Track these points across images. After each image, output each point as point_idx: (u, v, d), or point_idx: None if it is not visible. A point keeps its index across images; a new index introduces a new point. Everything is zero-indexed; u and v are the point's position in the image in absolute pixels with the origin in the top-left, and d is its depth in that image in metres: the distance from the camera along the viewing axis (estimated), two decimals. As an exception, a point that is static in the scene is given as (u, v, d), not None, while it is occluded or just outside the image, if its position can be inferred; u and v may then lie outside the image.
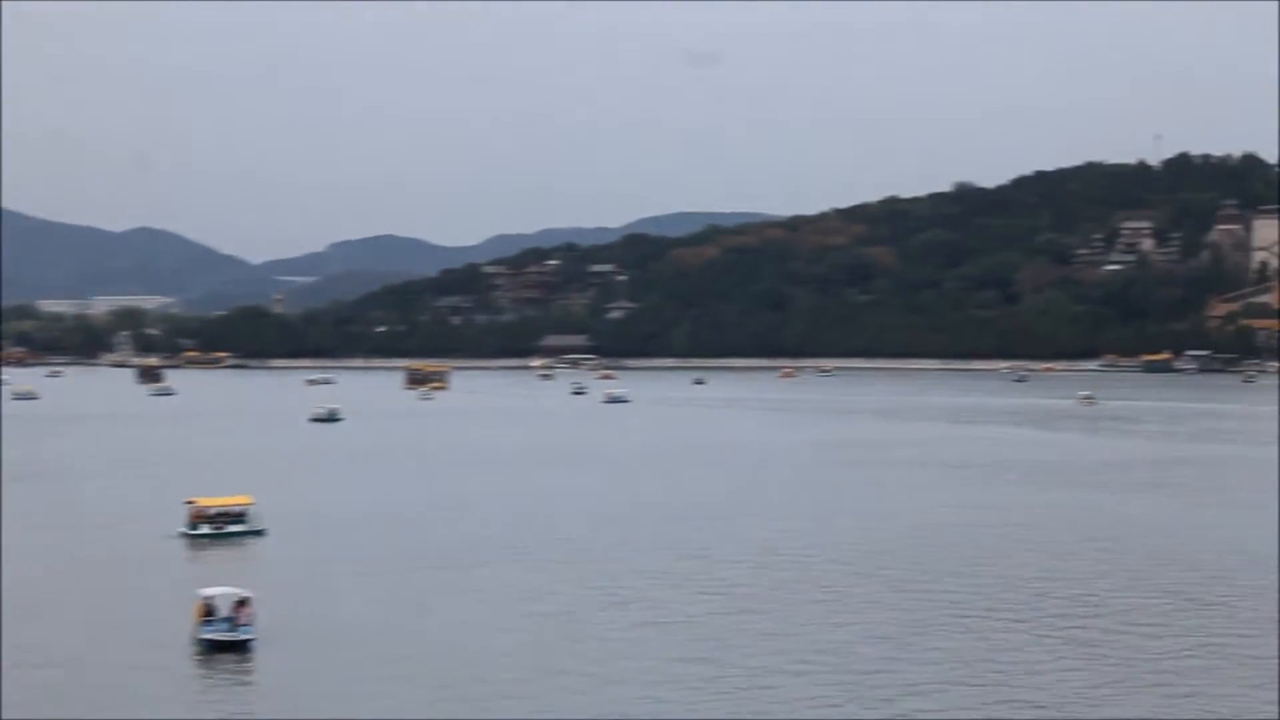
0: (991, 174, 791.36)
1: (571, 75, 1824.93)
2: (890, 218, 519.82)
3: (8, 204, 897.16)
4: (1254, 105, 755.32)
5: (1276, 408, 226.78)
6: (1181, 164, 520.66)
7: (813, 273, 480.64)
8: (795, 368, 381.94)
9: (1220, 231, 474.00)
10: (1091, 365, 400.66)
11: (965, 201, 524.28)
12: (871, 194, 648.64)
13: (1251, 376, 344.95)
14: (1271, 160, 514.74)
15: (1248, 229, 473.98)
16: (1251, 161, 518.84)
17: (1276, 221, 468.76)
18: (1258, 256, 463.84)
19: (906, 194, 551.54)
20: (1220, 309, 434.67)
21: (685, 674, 51.07)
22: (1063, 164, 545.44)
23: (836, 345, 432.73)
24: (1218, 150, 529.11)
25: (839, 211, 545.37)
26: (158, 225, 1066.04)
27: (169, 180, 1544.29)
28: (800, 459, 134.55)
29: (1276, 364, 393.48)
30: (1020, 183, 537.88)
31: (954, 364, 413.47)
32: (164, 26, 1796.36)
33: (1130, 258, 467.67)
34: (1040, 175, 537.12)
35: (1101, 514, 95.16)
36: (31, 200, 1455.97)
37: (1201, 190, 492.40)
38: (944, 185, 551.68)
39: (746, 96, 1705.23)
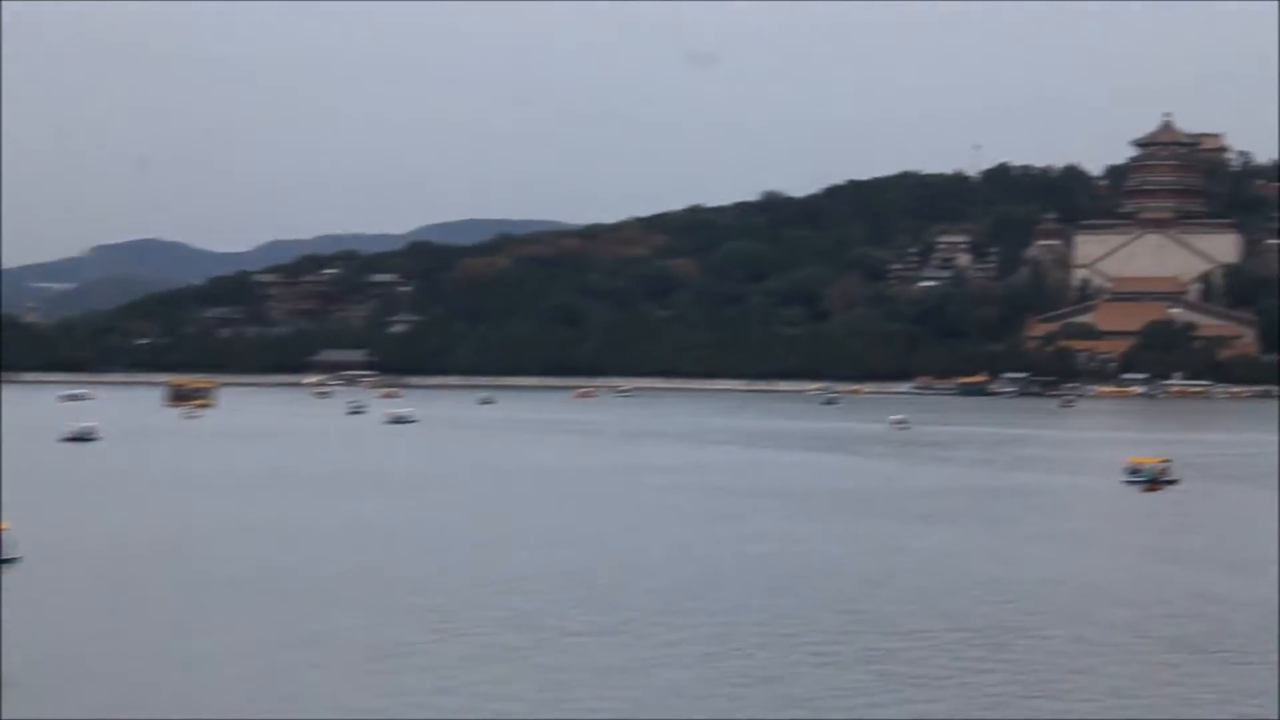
0: (802, 183, 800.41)
1: (350, 67, 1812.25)
2: (694, 228, 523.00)
3: None
4: (1076, 116, 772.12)
5: (1096, 434, 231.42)
6: (1001, 175, 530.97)
7: (610, 286, 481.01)
8: (593, 388, 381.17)
9: (1040, 247, 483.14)
10: (904, 387, 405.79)
11: (773, 211, 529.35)
12: (675, 202, 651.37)
13: (1070, 401, 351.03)
14: (1095, 172, 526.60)
15: (1069, 245, 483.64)
16: (1073, 174, 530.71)
17: (1099, 237, 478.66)
18: (1079, 274, 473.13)
19: (712, 202, 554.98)
20: (1039, 329, 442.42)
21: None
22: (877, 173, 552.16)
23: (635, 364, 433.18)
24: (1039, 161, 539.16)
25: (639, 220, 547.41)
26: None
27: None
28: (595, 485, 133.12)
29: (1097, 388, 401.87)
30: (832, 192, 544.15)
31: (760, 384, 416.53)
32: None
33: (946, 273, 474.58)
34: (853, 185, 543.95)
35: (912, 545, 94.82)
36: None
37: (1021, 203, 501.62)
38: (751, 194, 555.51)
39: (549, 96, 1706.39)
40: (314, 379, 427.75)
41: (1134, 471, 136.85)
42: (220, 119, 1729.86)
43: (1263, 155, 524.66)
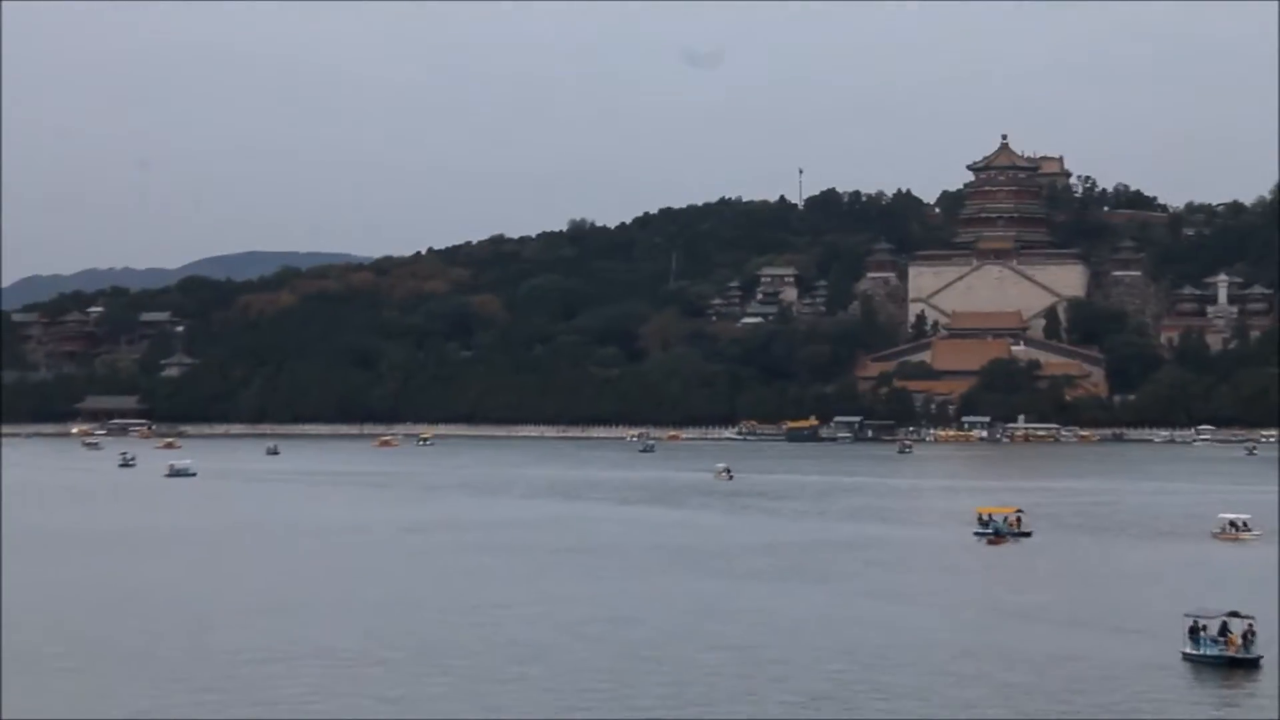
0: (613, 211, 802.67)
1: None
2: (497, 261, 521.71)
3: None
4: (908, 138, 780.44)
5: (935, 482, 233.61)
6: (829, 202, 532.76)
7: (406, 324, 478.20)
8: (394, 436, 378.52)
9: (872, 280, 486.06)
10: (728, 433, 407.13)
11: (583, 242, 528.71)
12: (475, 232, 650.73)
13: (907, 446, 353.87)
14: (929, 198, 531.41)
15: (902, 277, 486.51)
16: (907, 200, 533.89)
17: (934, 268, 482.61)
18: (914, 309, 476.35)
19: (515, 233, 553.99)
20: (872, 369, 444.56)
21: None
22: (694, 200, 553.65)
23: (435, 408, 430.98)
24: (869, 187, 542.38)
25: (436, 253, 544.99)
26: None
27: None
28: (389, 543, 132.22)
29: (935, 432, 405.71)
30: (645, 221, 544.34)
31: (572, 430, 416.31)
32: None
33: (771, 309, 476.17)
34: (668, 213, 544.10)
35: (734, 605, 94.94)
36: None
37: (851, 232, 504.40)
38: (558, 223, 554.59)
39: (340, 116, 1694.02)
40: (80, 428, 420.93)
41: (985, 522, 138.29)
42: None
43: (1106, 180, 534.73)
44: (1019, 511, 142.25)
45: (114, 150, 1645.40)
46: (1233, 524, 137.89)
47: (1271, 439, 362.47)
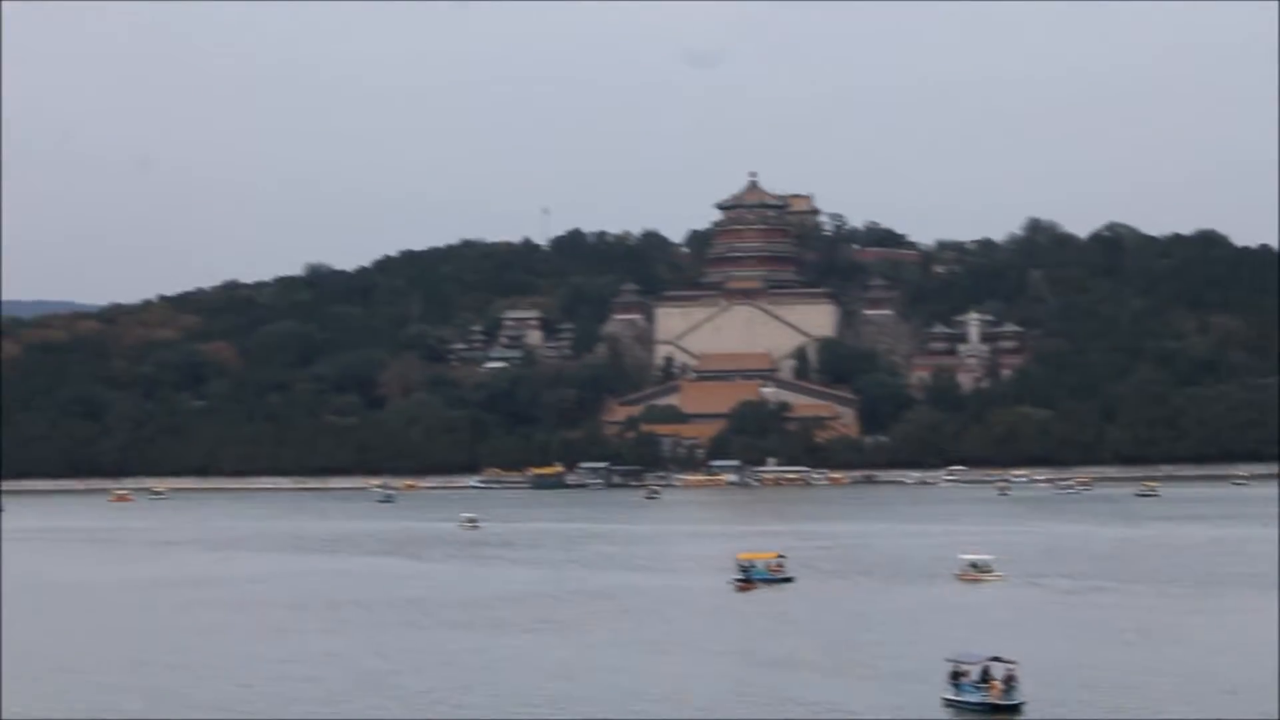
0: (351, 255, 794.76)
1: None
2: (230, 307, 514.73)
3: None
4: (655, 177, 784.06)
5: (684, 528, 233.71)
6: (574, 243, 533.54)
7: (135, 374, 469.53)
8: (129, 491, 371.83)
9: (619, 322, 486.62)
10: (471, 481, 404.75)
11: (319, 287, 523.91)
12: (206, 279, 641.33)
13: (656, 492, 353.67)
14: (676, 238, 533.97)
15: (650, 319, 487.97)
16: (653, 241, 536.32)
17: (682, 309, 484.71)
18: (662, 351, 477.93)
19: (249, 278, 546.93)
20: (619, 413, 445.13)
21: None
22: (435, 243, 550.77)
23: (166, 461, 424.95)
24: (615, 228, 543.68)
25: (166, 300, 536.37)
26: None
27: None
28: (117, 602, 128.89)
29: (684, 476, 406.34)
30: (384, 265, 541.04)
31: (310, 482, 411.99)
32: None
33: (515, 353, 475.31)
34: (408, 256, 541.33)
35: (477, 658, 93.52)
36: None
37: (597, 274, 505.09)
38: (294, 268, 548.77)
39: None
40: None
41: (745, 569, 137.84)
42: None
43: (856, 218, 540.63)
44: (780, 556, 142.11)
45: None
46: (974, 565, 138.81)
47: (1023, 479, 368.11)
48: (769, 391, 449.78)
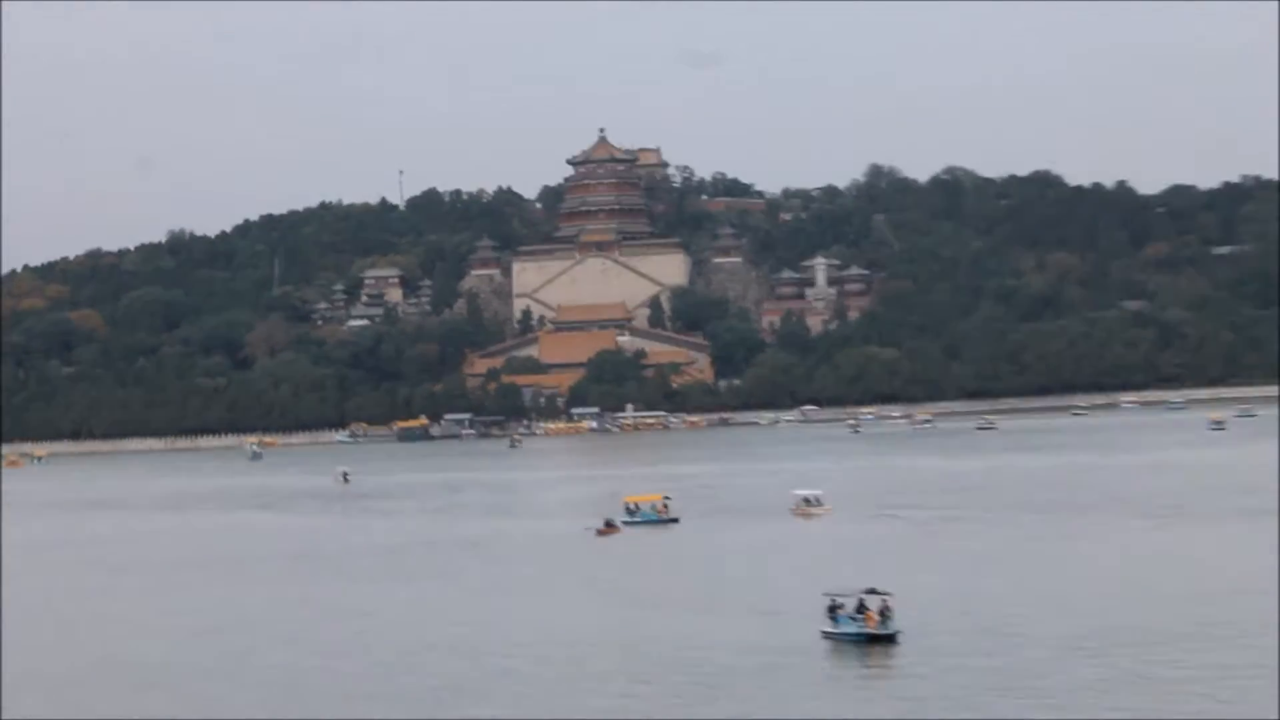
0: (212, 220, 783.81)
1: None
2: (95, 275, 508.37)
3: None
4: (505, 139, 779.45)
5: (548, 474, 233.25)
6: (430, 202, 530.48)
7: (5, 343, 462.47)
8: (18, 456, 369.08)
9: (477, 277, 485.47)
10: (339, 436, 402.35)
11: (183, 253, 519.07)
12: (70, 247, 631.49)
13: (518, 441, 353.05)
14: (530, 195, 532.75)
15: (507, 273, 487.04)
16: (508, 198, 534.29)
17: (538, 263, 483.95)
18: (519, 304, 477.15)
19: (112, 246, 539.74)
20: (481, 366, 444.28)
21: None
22: (294, 206, 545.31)
23: (41, 427, 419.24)
24: (470, 186, 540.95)
25: (32, 269, 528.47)
26: None
27: None
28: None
29: (546, 425, 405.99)
30: (245, 229, 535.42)
31: (181, 442, 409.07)
32: None
33: (377, 311, 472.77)
34: (268, 220, 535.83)
35: (357, 606, 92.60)
36: None
37: (454, 232, 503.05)
38: (157, 235, 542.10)
39: None
40: None
41: (632, 511, 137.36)
42: None
43: (703, 169, 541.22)
44: (666, 498, 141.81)
45: None
46: (806, 500, 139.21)
47: (871, 416, 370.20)
48: (625, 340, 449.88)
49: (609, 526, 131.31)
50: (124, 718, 64.40)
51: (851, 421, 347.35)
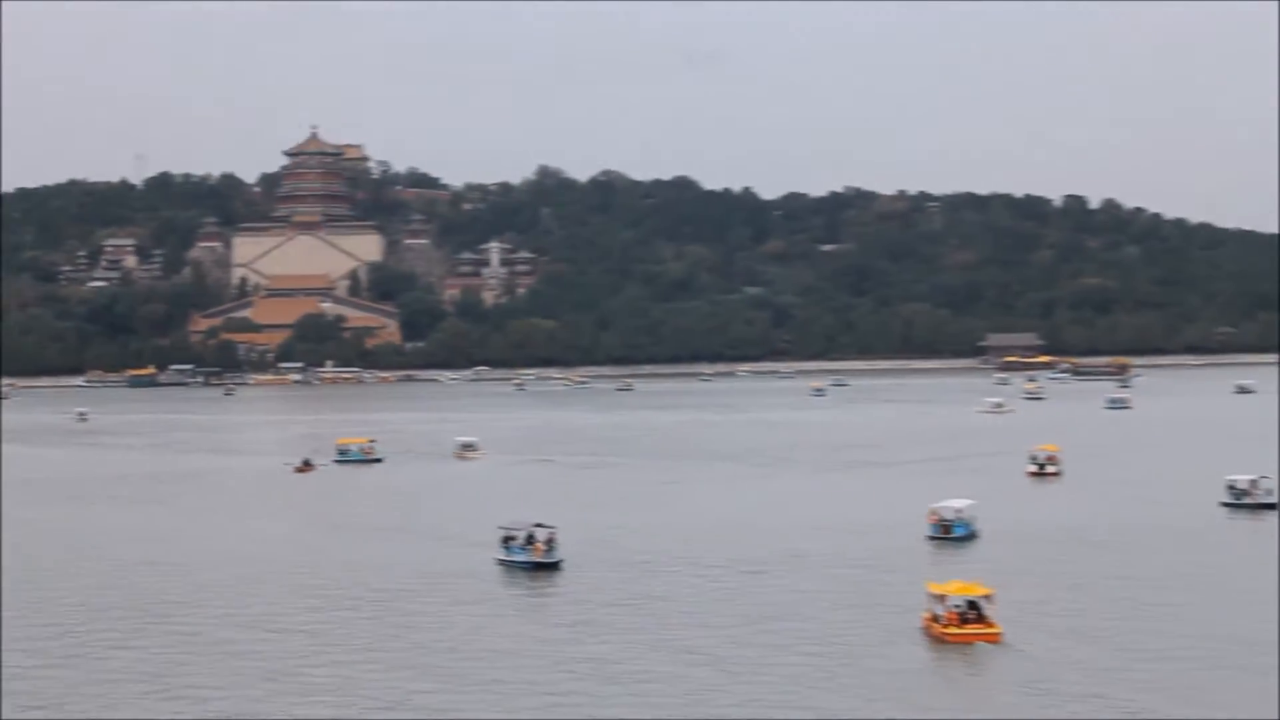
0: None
1: None
2: None
3: None
4: (234, 127, 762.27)
5: (260, 417, 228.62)
6: (164, 183, 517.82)
7: None
8: None
9: (202, 249, 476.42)
10: (78, 381, 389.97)
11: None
12: None
13: (233, 389, 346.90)
14: (251, 180, 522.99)
15: (228, 246, 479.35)
16: (231, 181, 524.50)
17: (255, 239, 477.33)
18: (238, 273, 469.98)
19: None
20: (203, 324, 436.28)
21: None
22: (45, 181, 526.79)
23: None
24: (199, 170, 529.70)
25: None
26: None
27: None
28: None
29: (257, 376, 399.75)
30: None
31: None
32: None
33: (115, 275, 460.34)
34: (22, 192, 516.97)
35: (100, 526, 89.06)
36: None
37: (184, 209, 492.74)
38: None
39: None
40: None
41: (343, 451, 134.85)
42: None
43: (399, 163, 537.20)
44: (371, 441, 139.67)
45: None
46: (465, 445, 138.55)
47: (533, 376, 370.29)
48: (328, 306, 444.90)
49: (306, 465, 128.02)
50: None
51: (517, 381, 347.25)
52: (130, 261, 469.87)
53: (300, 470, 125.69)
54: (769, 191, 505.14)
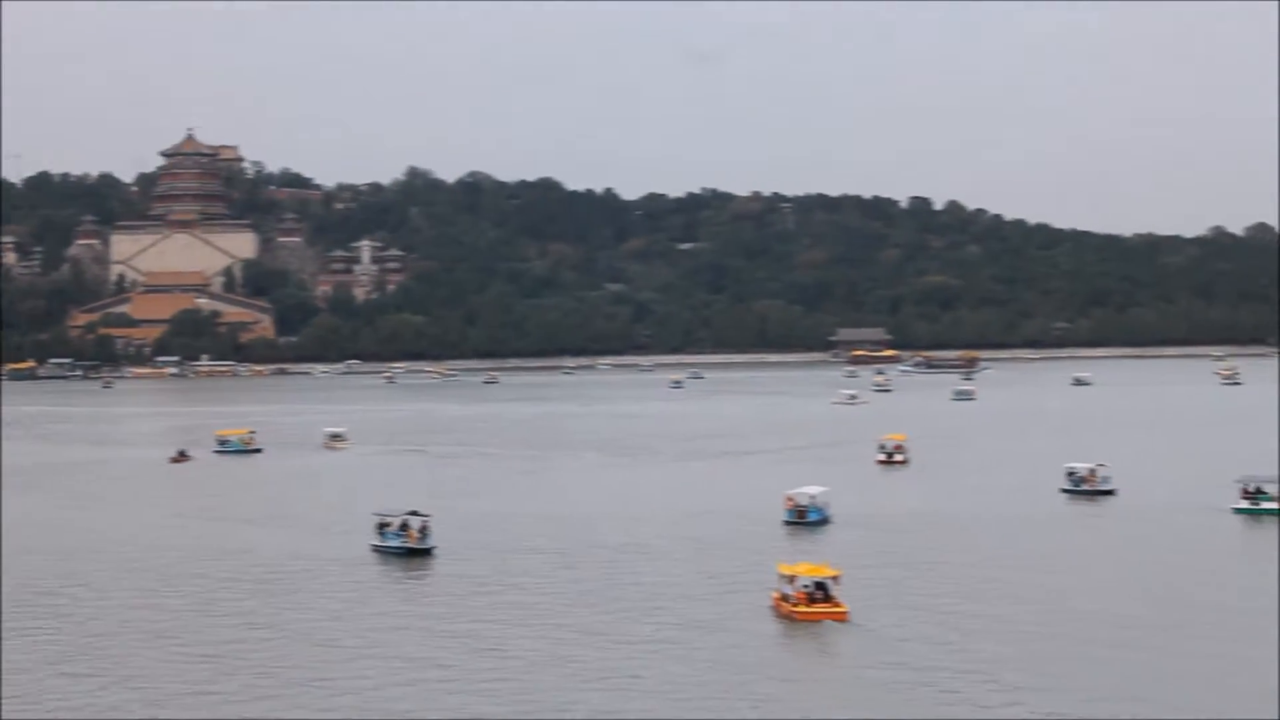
0: None
1: None
2: None
3: None
4: (107, 127, 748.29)
5: (136, 410, 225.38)
6: (43, 181, 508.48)
7: None
8: None
9: (80, 246, 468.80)
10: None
11: None
12: None
13: (110, 382, 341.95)
14: (128, 179, 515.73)
15: (106, 244, 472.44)
16: (108, 180, 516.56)
17: (133, 236, 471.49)
18: (116, 269, 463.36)
19: None
20: (81, 319, 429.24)
21: None
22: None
23: None
24: (77, 170, 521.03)
25: None
26: None
27: None
28: None
29: (134, 370, 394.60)
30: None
31: None
32: None
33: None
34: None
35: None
36: None
37: (62, 207, 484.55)
38: None
39: None
40: None
41: (223, 443, 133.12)
42: None
43: (273, 164, 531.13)
44: (252, 432, 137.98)
45: None
46: (333, 436, 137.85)
47: (402, 370, 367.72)
48: (203, 302, 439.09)
49: (181, 456, 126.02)
50: None
51: (387, 374, 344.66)
52: (10, 258, 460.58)
53: (175, 461, 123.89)
54: (629, 193, 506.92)
